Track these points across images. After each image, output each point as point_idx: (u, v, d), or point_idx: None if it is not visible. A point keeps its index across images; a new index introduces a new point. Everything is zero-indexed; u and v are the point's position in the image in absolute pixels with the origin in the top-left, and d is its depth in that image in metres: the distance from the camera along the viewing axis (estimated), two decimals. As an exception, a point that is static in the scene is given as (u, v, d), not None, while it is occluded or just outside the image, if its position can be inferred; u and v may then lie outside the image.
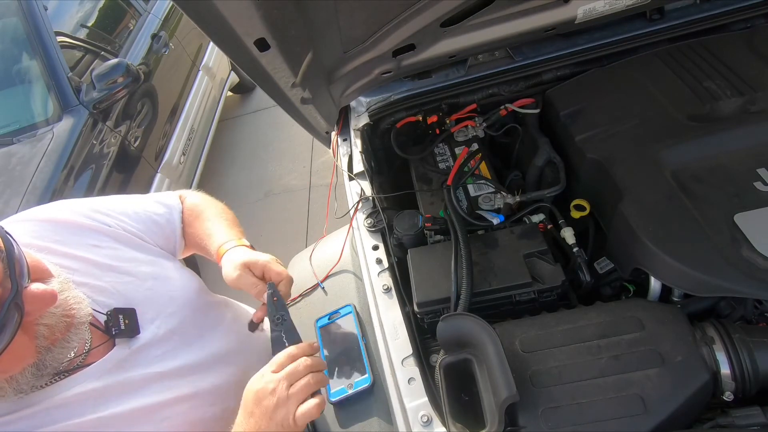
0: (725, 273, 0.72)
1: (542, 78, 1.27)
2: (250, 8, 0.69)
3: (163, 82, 3.08)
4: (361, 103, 1.33)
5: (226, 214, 1.03)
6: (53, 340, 0.64)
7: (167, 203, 1.00)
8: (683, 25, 1.20)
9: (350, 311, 1.04)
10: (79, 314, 0.67)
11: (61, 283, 0.68)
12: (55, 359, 0.65)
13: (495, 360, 0.68)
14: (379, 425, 0.87)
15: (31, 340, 0.62)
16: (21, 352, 0.60)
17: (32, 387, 0.64)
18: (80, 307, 0.68)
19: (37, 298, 0.59)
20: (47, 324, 0.63)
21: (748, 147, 0.87)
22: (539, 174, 1.15)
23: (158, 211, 0.97)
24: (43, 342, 0.63)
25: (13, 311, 0.56)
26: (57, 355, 0.65)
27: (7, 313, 0.55)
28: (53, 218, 0.81)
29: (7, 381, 0.61)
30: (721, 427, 0.68)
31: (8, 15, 2.50)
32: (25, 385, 0.63)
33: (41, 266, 0.66)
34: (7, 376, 0.61)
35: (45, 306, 0.61)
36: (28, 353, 0.61)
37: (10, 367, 0.60)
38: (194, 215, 1.01)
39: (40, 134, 2.28)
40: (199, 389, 0.81)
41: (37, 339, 0.62)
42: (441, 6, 0.94)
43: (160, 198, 1.01)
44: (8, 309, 0.55)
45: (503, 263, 0.90)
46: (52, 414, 0.67)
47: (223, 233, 0.95)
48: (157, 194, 1.02)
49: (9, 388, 0.62)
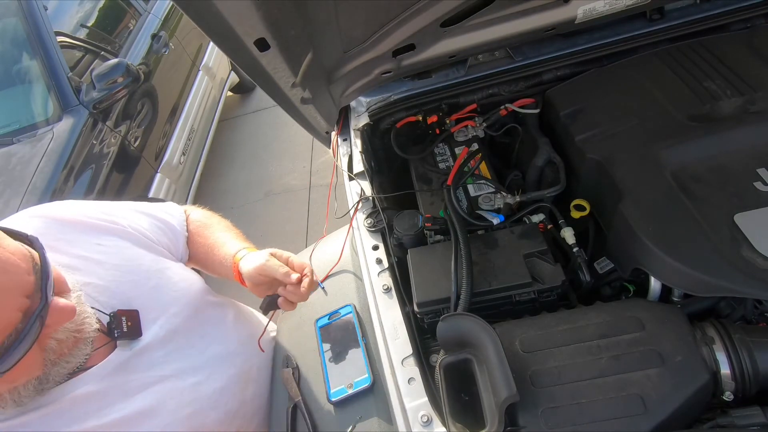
0: (725, 273, 0.72)
1: (542, 78, 1.27)
2: (250, 8, 0.69)
3: (163, 82, 3.08)
4: (361, 103, 1.33)
5: (234, 230, 1.05)
6: (60, 354, 0.65)
7: (172, 212, 1.01)
8: (683, 25, 1.20)
9: (350, 311, 1.04)
10: (86, 330, 0.68)
11: (77, 298, 0.68)
12: (58, 373, 0.66)
13: (495, 360, 0.68)
14: (379, 425, 0.87)
15: (41, 353, 0.62)
16: (31, 364, 0.60)
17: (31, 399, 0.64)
18: (89, 322, 0.69)
19: (59, 312, 0.60)
20: (58, 339, 0.63)
21: (748, 147, 0.87)
22: (539, 174, 1.15)
23: (164, 217, 0.98)
24: (51, 356, 0.63)
25: (36, 323, 0.56)
26: (60, 369, 0.66)
27: (33, 325, 0.55)
28: (61, 217, 0.81)
29: (10, 392, 0.61)
30: (721, 427, 0.68)
31: (8, 15, 2.50)
32: (26, 397, 0.63)
33: (61, 279, 0.67)
34: (11, 386, 0.61)
35: (65, 320, 0.62)
36: (37, 366, 0.62)
37: (17, 377, 0.60)
38: (202, 226, 1.03)
39: (40, 134, 2.28)
40: (200, 393, 0.81)
41: (46, 353, 0.63)
42: (441, 6, 0.94)
43: (165, 207, 1.02)
44: (34, 321, 0.56)
45: (503, 263, 0.90)
46: (54, 418, 0.66)
47: (237, 243, 0.96)
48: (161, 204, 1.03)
49: (9, 399, 0.62)
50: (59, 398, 0.67)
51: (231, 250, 0.93)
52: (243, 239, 1.01)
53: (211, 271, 0.99)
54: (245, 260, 0.89)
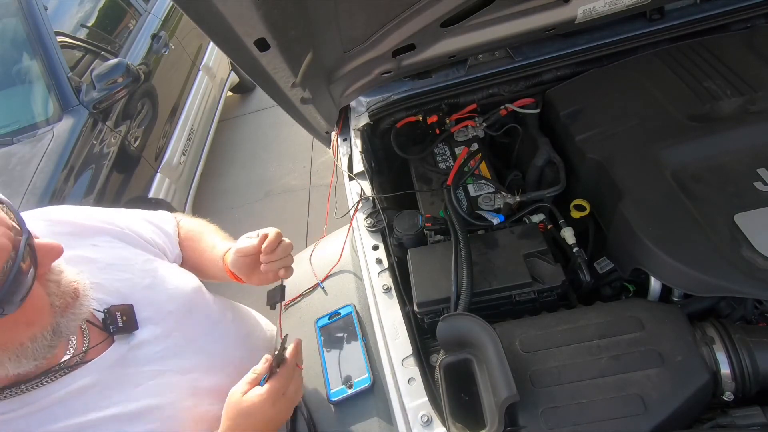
0: (725, 273, 0.72)
1: (542, 78, 1.27)
2: (250, 8, 0.69)
3: (163, 82, 3.08)
4: (361, 103, 1.33)
5: (221, 233, 1.07)
6: (65, 305, 0.65)
7: (164, 218, 1.04)
8: (683, 25, 1.20)
9: (350, 311, 1.04)
10: (82, 284, 0.68)
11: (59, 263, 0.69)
12: (68, 327, 0.66)
13: (495, 360, 0.68)
14: (379, 425, 0.87)
15: (46, 297, 0.63)
16: (39, 304, 0.61)
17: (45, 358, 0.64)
18: (80, 278, 0.69)
19: (45, 248, 0.61)
20: (56, 282, 0.65)
21: (748, 147, 0.87)
22: (539, 174, 1.15)
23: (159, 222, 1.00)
24: (56, 301, 0.64)
25: (28, 252, 0.58)
26: (69, 322, 0.66)
27: (24, 253, 0.57)
28: (54, 218, 0.81)
29: (30, 340, 0.61)
30: (721, 427, 0.68)
31: (8, 15, 2.50)
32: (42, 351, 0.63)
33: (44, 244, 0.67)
34: (30, 333, 0.61)
35: (54, 255, 0.63)
36: (45, 309, 0.63)
37: (34, 317, 0.61)
38: (192, 232, 1.05)
39: (40, 134, 2.28)
40: (198, 388, 0.81)
41: (50, 297, 0.64)
42: (441, 6, 0.95)
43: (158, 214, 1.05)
44: (24, 250, 0.57)
45: (503, 263, 0.90)
46: (53, 411, 0.67)
47: (225, 244, 0.98)
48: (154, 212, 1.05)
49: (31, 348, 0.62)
50: (59, 391, 0.67)
51: (220, 252, 0.96)
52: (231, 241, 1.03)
53: (205, 275, 1.01)
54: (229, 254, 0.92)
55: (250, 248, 0.86)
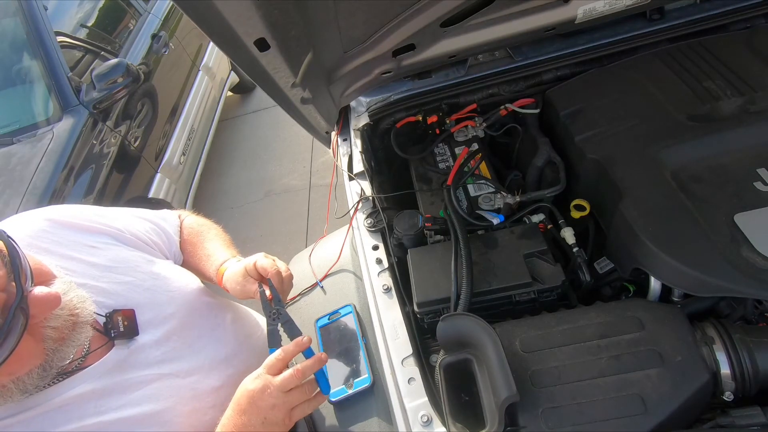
0: (725, 273, 0.72)
1: (542, 78, 1.27)
2: (250, 8, 0.69)
3: (163, 82, 3.08)
4: (361, 103, 1.33)
5: (223, 236, 1.06)
6: (61, 340, 0.64)
7: (167, 218, 1.03)
8: (683, 25, 1.20)
9: (350, 311, 1.04)
10: (83, 313, 0.67)
11: (64, 284, 0.68)
12: (61, 358, 0.65)
13: (495, 360, 0.68)
14: (379, 425, 0.87)
15: (39, 343, 0.62)
16: (28, 354, 0.60)
17: (36, 387, 0.64)
18: (84, 305, 0.68)
19: (41, 302, 0.60)
20: (54, 326, 0.63)
21: (748, 147, 0.87)
22: (539, 174, 1.15)
23: (160, 222, 1.00)
24: (51, 344, 0.63)
25: (18, 316, 0.56)
26: (63, 354, 0.65)
27: (14, 318, 0.55)
28: (54, 219, 0.81)
29: (13, 382, 0.61)
30: (721, 427, 0.68)
31: (8, 15, 2.50)
32: (31, 385, 0.63)
33: (43, 269, 0.67)
34: (13, 377, 0.61)
35: (50, 309, 0.61)
36: (35, 355, 0.62)
37: (16, 369, 0.60)
38: (194, 233, 1.05)
39: (40, 134, 2.28)
40: (198, 391, 0.81)
41: (45, 342, 0.63)
42: (441, 6, 0.94)
43: (161, 213, 1.04)
44: (14, 314, 0.55)
45: (503, 263, 0.90)
46: (52, 417, 0.66)
47: (222, 253, 0.98)
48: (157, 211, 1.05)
49: (15, 388, 0.62)
50: (58, 396, 0.67)
51: (216, 262, 0.95)
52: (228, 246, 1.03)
53: (203, 279, 1.01)
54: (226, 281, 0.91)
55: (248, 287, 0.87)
